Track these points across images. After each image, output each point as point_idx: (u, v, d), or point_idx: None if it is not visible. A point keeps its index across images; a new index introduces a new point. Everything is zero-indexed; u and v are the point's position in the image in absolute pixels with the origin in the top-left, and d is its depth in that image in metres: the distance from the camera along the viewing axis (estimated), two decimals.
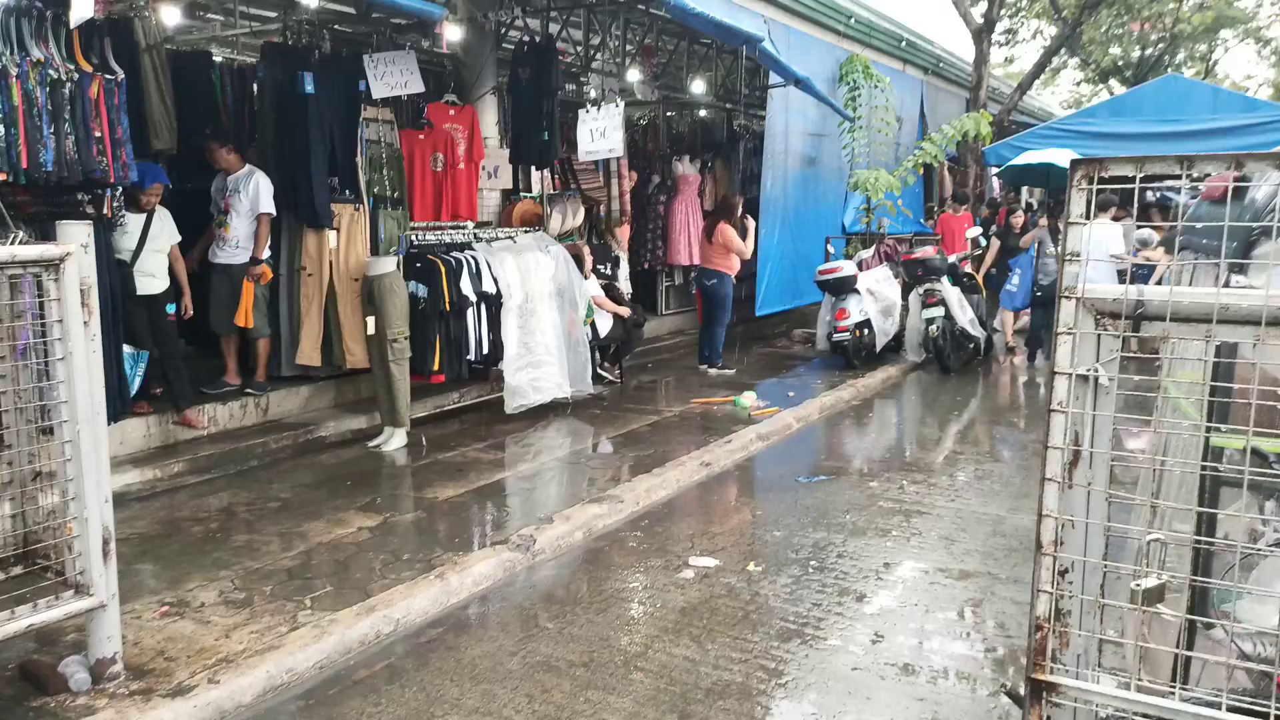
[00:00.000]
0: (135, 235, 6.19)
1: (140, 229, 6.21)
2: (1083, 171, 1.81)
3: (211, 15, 8.93)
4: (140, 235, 6.21)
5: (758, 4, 10.74)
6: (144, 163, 6.11)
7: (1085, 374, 1.86)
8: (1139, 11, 22.03)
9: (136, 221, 6.19)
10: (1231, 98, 12.00)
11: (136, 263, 6.20)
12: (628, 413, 8.10)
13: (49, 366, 3.19)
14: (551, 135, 8.55)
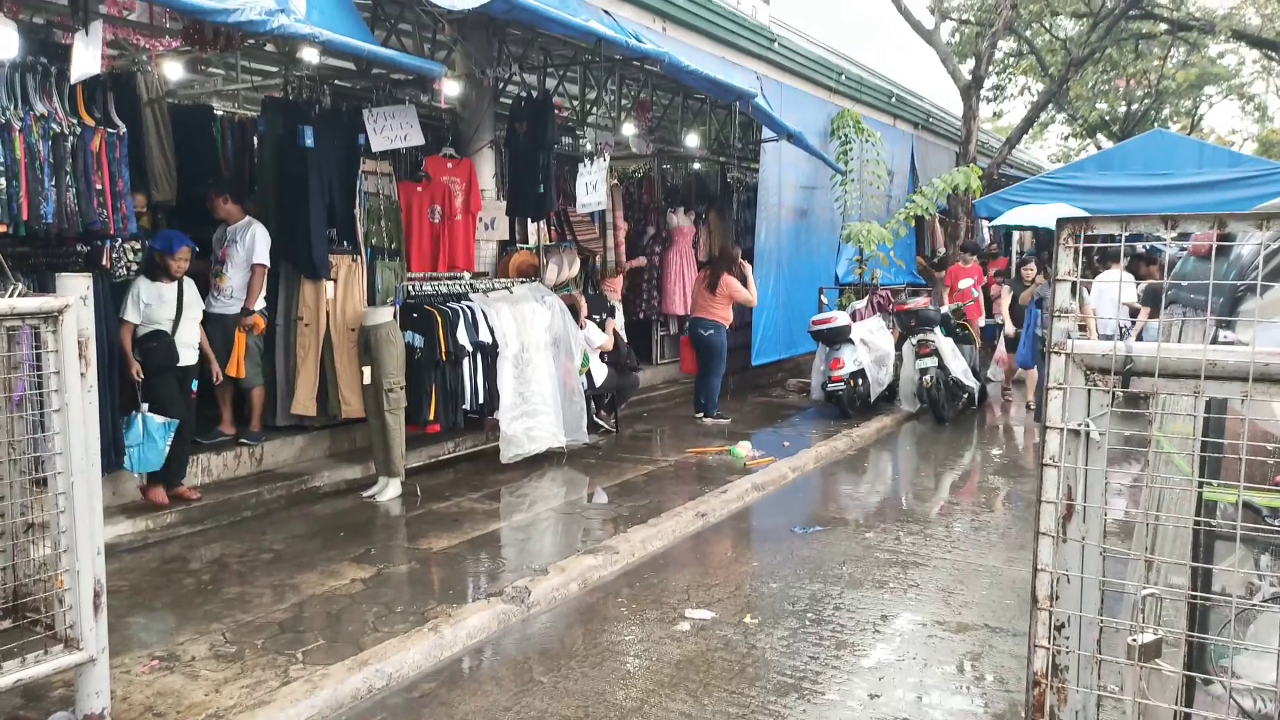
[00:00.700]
0: (172, 304, 6.08)
1: (175, 297, 6.10)
2: (1069, 230, 1.85)
3: (213, 69, 9.09)
4: (176, 304, 6.10)
5: (750, 60, 10.99)
6: (169, 230, 6.10)
7: (1076, 429, 1.88)
8: (1124, 68, 22.50)
9: (170, 290, 6.08)
10: (1217, 153, 12.19)
11: (177, 332, 6.07)
12: (623, 462, 8.08)
13: (44, 418, 3.19)
14: (547, 188, 8.67)
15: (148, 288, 6.04)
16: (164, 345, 6.01)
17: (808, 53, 12.72)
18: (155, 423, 5.82)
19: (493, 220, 8.94)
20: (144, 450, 5.77)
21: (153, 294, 6.03)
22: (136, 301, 5.99)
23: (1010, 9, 16.01)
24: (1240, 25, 19.54)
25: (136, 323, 5.99)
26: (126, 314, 5.97)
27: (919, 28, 16.22)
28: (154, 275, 6.07)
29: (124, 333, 5.95)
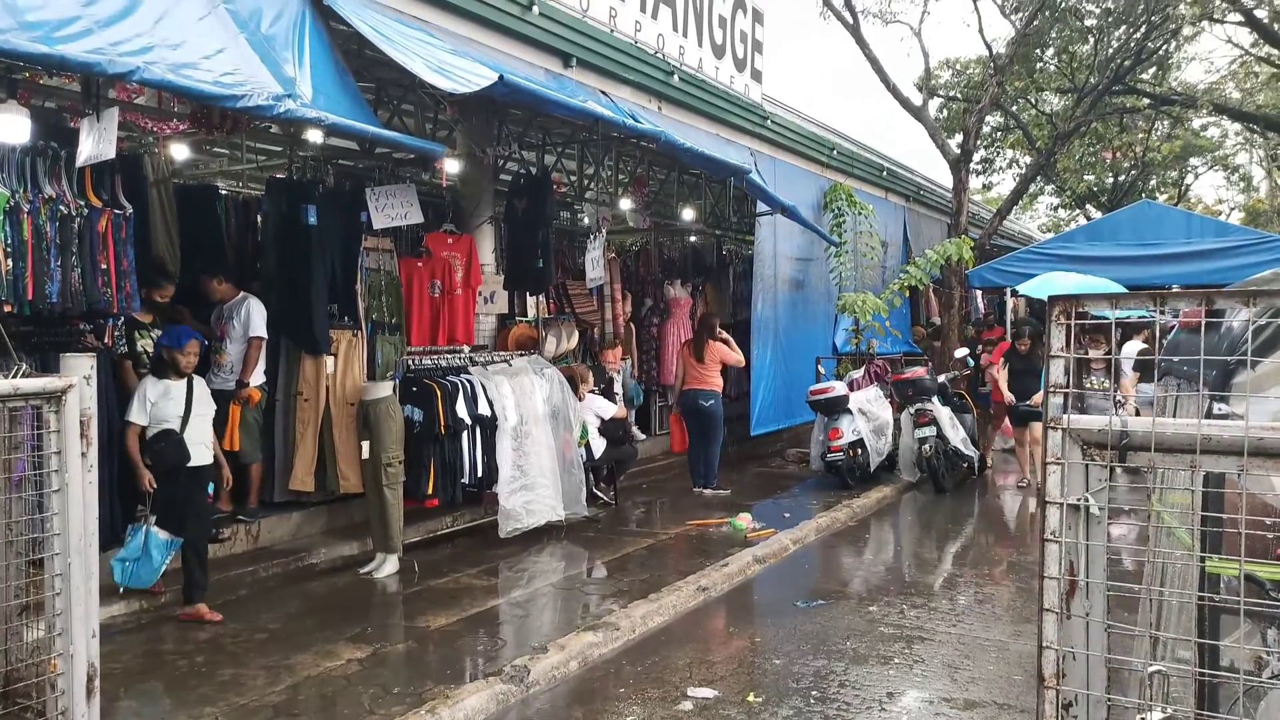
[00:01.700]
0: (181, 400, 5.71)
1: (184, 394, 5.74)
2: (1061, 308, 1.89)
3: (218, 150, 9.29)
4: (185, 400, 5.74)
5: (744, 137, 11.24)
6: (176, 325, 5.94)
7: (1076, 503, 1.89)
8: (1110, 141, 22.99)
9: (179, 387, 5.72)
10: (1205, 223, 12.39)
11: (186, 430, 5.70)
12: (622, 535, 8.02)
13: (44, 498, 3.19)
14: (546, 262, 8.79)
15: (154, 385, 5.69)
16: (173, 444, 5.63)
17: (800, 129, 13.02)
18: (158, 538, 5.45)
19: (492, 294, 9.04)
20: (139, 566, 5.40)
21: (159, 391, 5.67)
22: (143, 401, 5.62)
23: (996, 86, 16.43)
24: (1221, 100, 20.06)
25: (144, 424, 5.60)
26: (133, 415, 5.60)
27: (907, 104, 16.62)
28: (162, 372, 5.73)
29: (130, 437, 5.58)
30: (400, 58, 5.73)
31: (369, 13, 6.13)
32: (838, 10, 16.03)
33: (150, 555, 5.44)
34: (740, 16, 11.29)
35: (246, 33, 5.18)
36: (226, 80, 4.77)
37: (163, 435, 5.65)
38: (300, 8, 5.71)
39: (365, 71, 7.24)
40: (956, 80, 21.46)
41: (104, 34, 4.37)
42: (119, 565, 5.39)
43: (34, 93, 6.00)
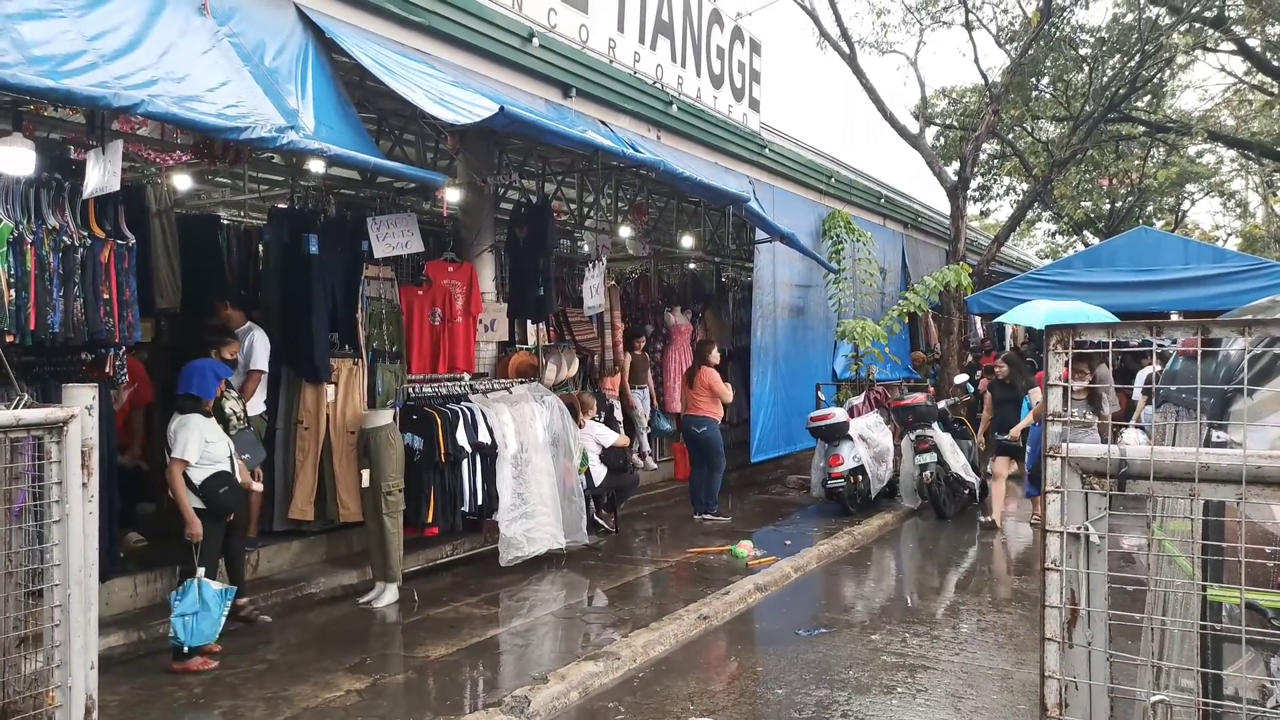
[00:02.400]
0: (225, 440, 5.61)
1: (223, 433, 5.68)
2: (1058, 337, 1.91)
3: (220, 180, 9.36)
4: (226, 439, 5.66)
5: (743, 165, 11.32)
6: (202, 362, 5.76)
7: (1076, 532, 1.89)
8: (1106, 168, 23.14)
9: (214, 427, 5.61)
10: (1201, 249, 12.45)
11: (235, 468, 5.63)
12: (623, 564, 7.98)
13: (44, 529, 3.18)
14: (547, 290, 8.83)
15: (207, 424, 5.52)
16: (235, 487, 5.52)
17: (798, 157, 13.12)
18: (211, 589, 5.29)
19: (492, 322, 9.07)
20: (199, 621, 5.22)
21: (213, 430, 5.52)
22: (200, 441, 5.41)
23: (992, 114, 16.57)
24: (1216, 127, 20.22)
25: (194, 462, 5.39)
26: (190, 454, 5.33)
27: (904, 132, 16.76)
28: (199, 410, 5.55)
29: (180, 477, 5.33)
30: (402, 89, 5.79)
31: (371, 45, 6.20)
32: (834, 41, 16.19)
33: (208, 608, 5.27)
34: (738, 47, 11.42)
35: (250, 66, 5.24)
36: (230, 112, 4.81)
37: (222, 478, 5.50)
38: (304, 41, 5.78)
39: (367, 102, 7.32)
40: (953, 109, 21.64)
41: (109, 68, 4.42)
42: (180, 622, 5.19)
43: (38, 124, 6.07)
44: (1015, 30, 17.95)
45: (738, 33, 11.42)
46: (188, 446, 5.36)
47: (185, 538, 5.36)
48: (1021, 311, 11.22)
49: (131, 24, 4.71)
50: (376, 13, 6.40)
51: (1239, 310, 3.23)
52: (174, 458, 5.36)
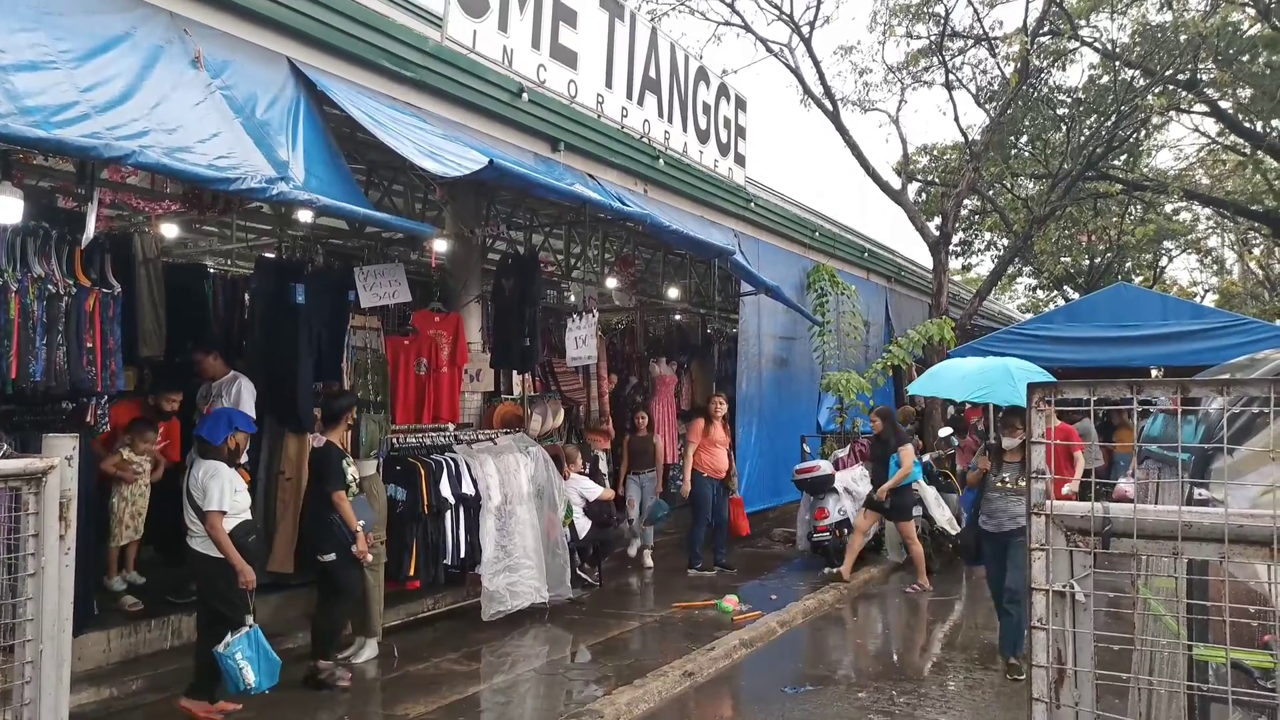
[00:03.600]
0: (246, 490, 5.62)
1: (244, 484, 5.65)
2: (1040, 394, 1.92)
3: (208, 228, 9.38)
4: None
5: (728, 219, 11.46)
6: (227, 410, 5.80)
7: (1062, 590, 1.89)
8: (1085, 225, 23.53)
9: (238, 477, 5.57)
10: (1180, 305, 12.61)
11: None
12: (607, 618, 7.88)
13: (17, 582, 3.12)
14: (533, 340, 8.84)
15: (231, 472, 5.47)
16: (260, 538, 5.59)
17: (783, 211, 13.29)
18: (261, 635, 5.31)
19: (478, 372, 9.06)
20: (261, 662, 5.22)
21: (237, 479, 5.50)
22: (233, 491, 5.41)
23: (972, 171, 16.87)
24: (1191, 186, 20.66)
25: (229, 512, 5.38)
26: (223, 503, 5.32)
27: (887, 188, 17.01)
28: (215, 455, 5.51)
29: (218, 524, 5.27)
30: (392, 142, 5.85)
31: (363, 99, 6.28)
32: (818, 99, 16.51)
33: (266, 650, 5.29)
34: (724, 103, 11.62)
35: (242, 117, 5.29)
36: (221, 163, 4.85)
37: (247, 527, 5.51)
38: (295, 94, 5.85)
39: (357, 154, 7.39)
40: (934, 165, 22.02)
41: (101, 118, 4.45)
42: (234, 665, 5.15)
43: (27, 173, 6.09)
44: (994, 90, 18.37)
45: (724, 89, 11.63)
46: (222, 497, 5.35)
47: (239, 586, 5.33)
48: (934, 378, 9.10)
49: (125, 76, 4.76)
50: (368, 67, 6.50)
51: (1218, 368, 3.27)
52: (211, 509, 5.32)
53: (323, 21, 6.05)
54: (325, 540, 6.08)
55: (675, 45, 10.70)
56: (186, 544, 5.46)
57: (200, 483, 5.35)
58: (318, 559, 6.12)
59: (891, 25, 17.18)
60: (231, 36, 5.56)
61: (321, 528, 6.11)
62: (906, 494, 9.68)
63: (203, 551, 5.37)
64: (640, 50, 9.87)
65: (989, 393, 7.93)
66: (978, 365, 8.48)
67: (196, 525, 5.38)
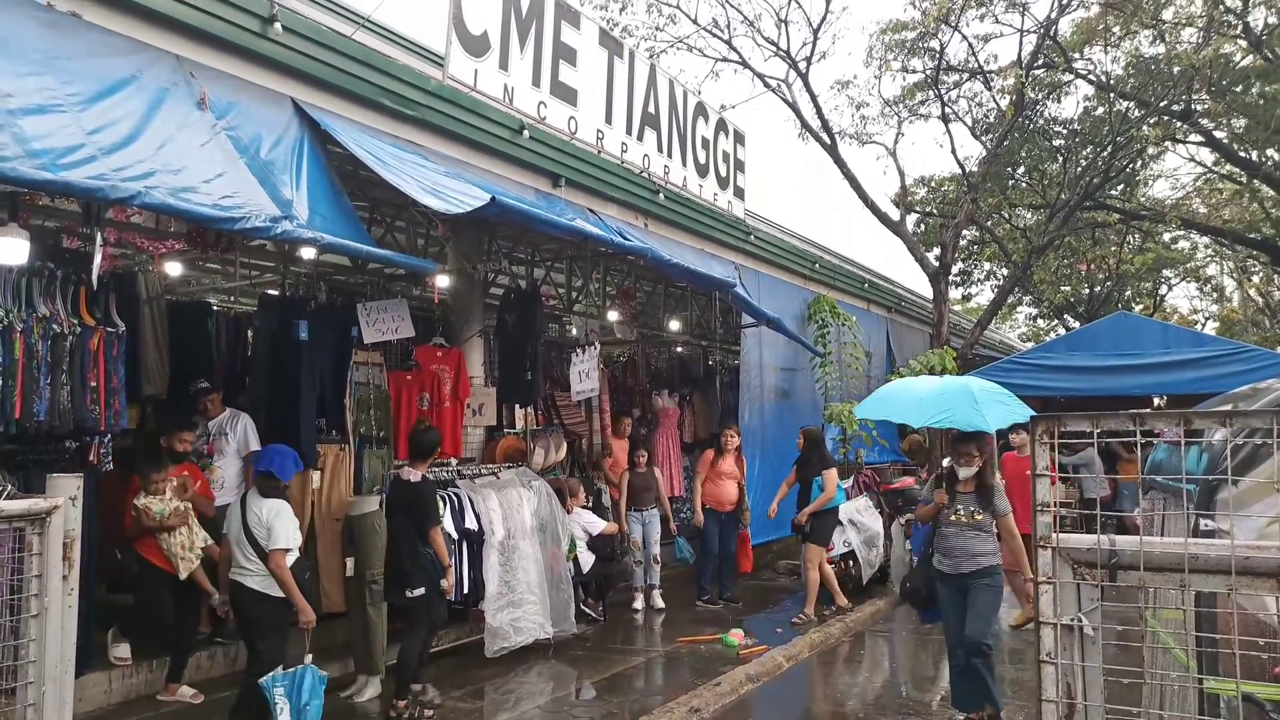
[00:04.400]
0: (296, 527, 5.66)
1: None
2: (1044, 427, 1.93)
3: (211, 266, 9.43)
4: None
5: (728, 252, 11.51)
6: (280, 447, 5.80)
7: (1070, 624, 1.88)
8: (1083, 254, 23.63)
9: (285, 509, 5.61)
10: (1181, 333, 12.63)
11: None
12: (611, 654, 7.82)
13: (20, 623, 3.11)
14: (535, 375, 8.86)
15: (291, 511, 5.58)
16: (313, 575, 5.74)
17: (782, 243, 13.36)
18: (318, 675, 5.41)
19: (480, 406, 9.06)
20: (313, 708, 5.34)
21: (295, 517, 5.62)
22: (295, 526, 5.51)
23: (970, 202, 16.98)
24: (1188, 214, 20.78)
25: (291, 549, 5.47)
26: (290, 541, 5.42)
27: (886, 219, 17.11)
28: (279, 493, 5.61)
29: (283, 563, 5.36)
30: (394, 180, 5.90)
31: (365, 137, 6.34)
32: (815, 132, 16.67)
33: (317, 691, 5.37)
34: (723, 137, 11.73)
35: (246, 157, 5.34)
36: (225, 203, 4.89)
37: (302, 563, 5.62)
38: (299, 133, 5.91)
39: (360, 191, 7.45)
40: (932, 196, 22.16)
41: (107, 160, 4.50)
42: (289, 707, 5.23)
43: (33, 213, 6.14)
44: (990, 122, 18.54)
45: (722, 124, 11.75)
46: (290, 535, 5.43)
47: (299, 625, 5.48)
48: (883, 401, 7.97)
49: (131, 118, 4.81)
50: (371, 107, 6.57)
51: (1221, 398, 3.28)
52: (276, 548, 5.36)
53: (327, 63, 6.13)
54: (417, 575, 6.17)
55: (674, 82, 10.82)
56: (238, 583, 5.48)
57: (265, 521, 5.39)
58: (406, 594, 6.20)
59: (887, 60, 17.38)
60: (237, 78, 5.63)
61: (416, 563, 6.19)
62: (829, 519, 9.35)
63: (260, 590, 5.42)
64: (639, 87, 9.99)
65: (949, 416, 6.97)
66: (935, 386, 7.54)
67: (254, 564, 5.42)
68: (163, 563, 6.07)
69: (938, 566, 6.09)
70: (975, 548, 5.88)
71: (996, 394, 7.30)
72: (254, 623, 5.50)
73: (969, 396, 6.95)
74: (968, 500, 5.97)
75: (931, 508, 6.23)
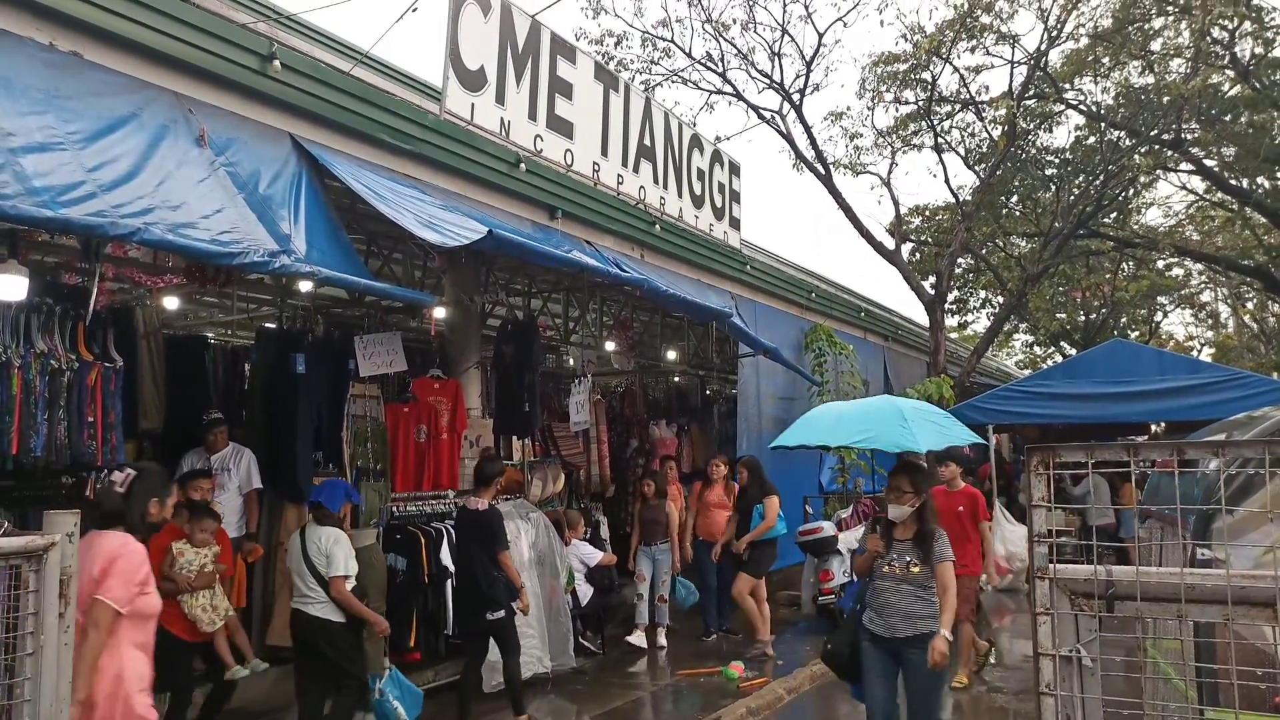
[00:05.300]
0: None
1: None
2: (1039, 458, 1.94)
3: (208, 299, 9.46)
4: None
5: (725, 282, 11.56)
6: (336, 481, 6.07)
7: (1069, 655, 1.88)
8: (1078, 281, 23.77)
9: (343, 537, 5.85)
10: (1177, 360, 12.68)
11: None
12: (611, 687, 7.75)
13: (15, 662, 3.09)
14: (532, 406, 8.86)
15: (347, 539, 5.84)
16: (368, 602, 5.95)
17: (779, 273, 13.42)
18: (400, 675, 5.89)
19: (478, 438, 9.05)
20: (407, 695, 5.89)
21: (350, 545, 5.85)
22: (352, 555, 5.78)
23: (965, 231, 17.10)
24: (1182, 242, 20.92)
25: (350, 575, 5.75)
26: (349, 568, 5.69)
27: (881, 249, 17.23)
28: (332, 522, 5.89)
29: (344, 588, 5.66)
30: (392, 214, 5.94)
31: (363, 172, 6.39)
32: (810, 163, 16.82)
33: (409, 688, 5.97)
34: (718, 169, 11.83)
35: (245, 193, 5.38)
36: (224, 238, 4.92)
37: (360, 590, 5.83)
38: (297, 168, 5.96)
39: (357, 225, 7.50)
40: (927, 225, 22.31)
41: (107, 197, 4.53)
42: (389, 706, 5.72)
43: (32, 249, 6.16)
44: (983, 152, 18.72)
45: (717, 155, 11.85)
46: (348, 561, 5.70)
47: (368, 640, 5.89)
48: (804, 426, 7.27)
49: (131, 155, 4.85)
50: (369, 141, 6.63)
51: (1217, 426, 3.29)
52: (336, 575, 5.64)
53: (325, 99, 6.19)
54: (495, 599, 6.40)
55: (669, 114, 10.93)
56: (301, 611, 5.72)
57: (325, 549, 5.65)
58: (487, 617, 6.41)
59: (880, 91, 17.58)
60: (236, 115, 5.68)
61: (493, 587, 6.38)
62: (767, 549, 9.01)
63: (324, 617, 5.69)
64: (635, 119, 10.09)
65: (874, 436, 6.28)
66: (858, 404, 7.01)
67: (316, 592, 5.67)
68: (183, 631, 5.63)
69: (868, 625, 5.03)
70: (914, 608, 4.89)
71: (930, 413, 6.72)
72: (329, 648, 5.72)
73: (897, 415, 6.32)
74: (904, 550, 4.99)
75: (865, 558, 5.23)
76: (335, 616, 5.65)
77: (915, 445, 5.96)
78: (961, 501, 7.93)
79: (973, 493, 8.10)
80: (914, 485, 5.02)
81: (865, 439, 6.39)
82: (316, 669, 5.85)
